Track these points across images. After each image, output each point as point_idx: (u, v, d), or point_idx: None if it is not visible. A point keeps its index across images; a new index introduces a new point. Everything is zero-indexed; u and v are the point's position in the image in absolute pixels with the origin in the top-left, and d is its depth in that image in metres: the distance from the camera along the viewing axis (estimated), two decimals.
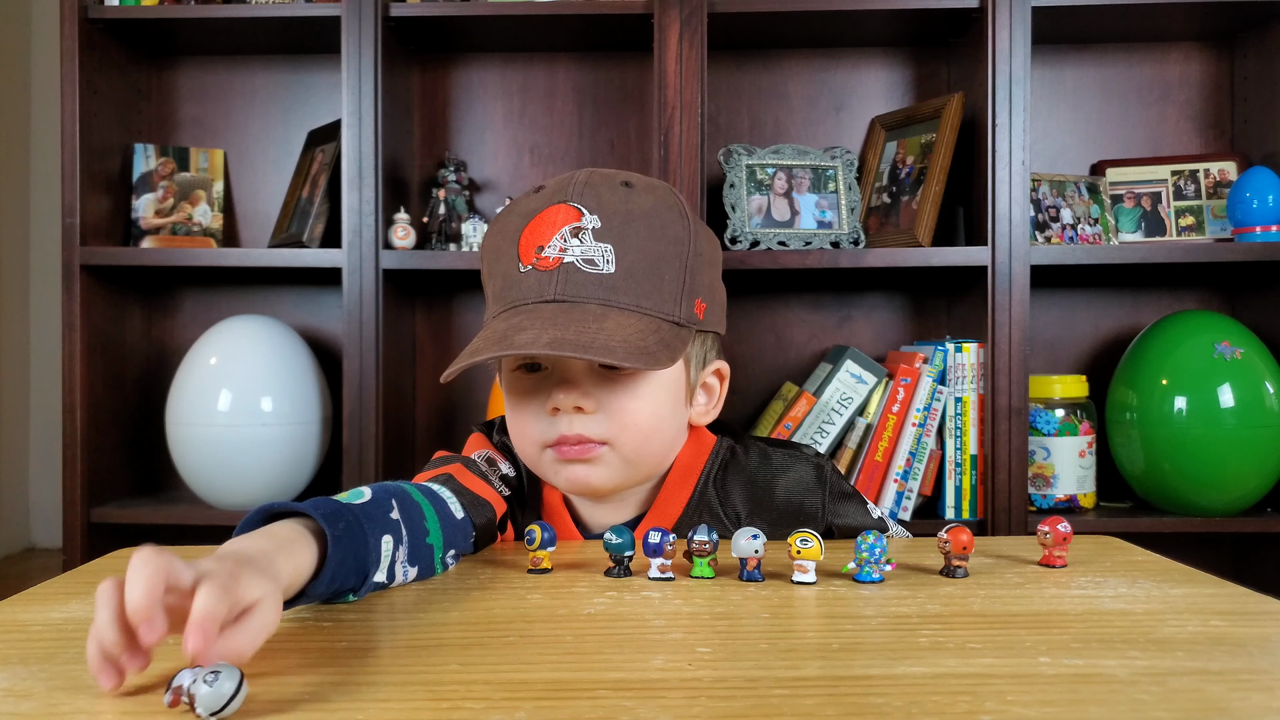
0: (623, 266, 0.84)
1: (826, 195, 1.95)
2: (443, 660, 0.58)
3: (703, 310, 0.89)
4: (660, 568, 0.77)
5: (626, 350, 0.81)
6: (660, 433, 0.91)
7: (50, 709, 0.51)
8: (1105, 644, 0.60)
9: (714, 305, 0.92)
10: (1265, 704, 0.51)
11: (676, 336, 0.86)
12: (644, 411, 0.88)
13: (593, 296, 0.84)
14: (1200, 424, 1.80)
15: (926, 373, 1.83)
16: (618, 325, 0.82)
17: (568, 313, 0.83)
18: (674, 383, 0.91)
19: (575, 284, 0.84)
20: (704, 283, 0.90)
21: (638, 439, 0.89)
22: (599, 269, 0.84)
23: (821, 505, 0.95)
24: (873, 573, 0.76)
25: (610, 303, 0.84)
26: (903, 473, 1.82)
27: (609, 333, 0.82)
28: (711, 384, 0.97)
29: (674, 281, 0.87)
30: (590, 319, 0.82)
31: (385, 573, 0.73)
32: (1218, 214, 2.01)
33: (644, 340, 0.83)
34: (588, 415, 0.87)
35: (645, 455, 0.91)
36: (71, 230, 1.90)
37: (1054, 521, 0.82)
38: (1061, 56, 2.09)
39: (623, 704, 0.51)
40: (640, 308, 0.85)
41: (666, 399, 0.90)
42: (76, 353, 1.90)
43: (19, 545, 3.27)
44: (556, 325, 0.81)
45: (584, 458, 0.88)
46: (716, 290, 0.94)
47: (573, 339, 0.80)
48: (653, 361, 0.82)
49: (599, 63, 2.12)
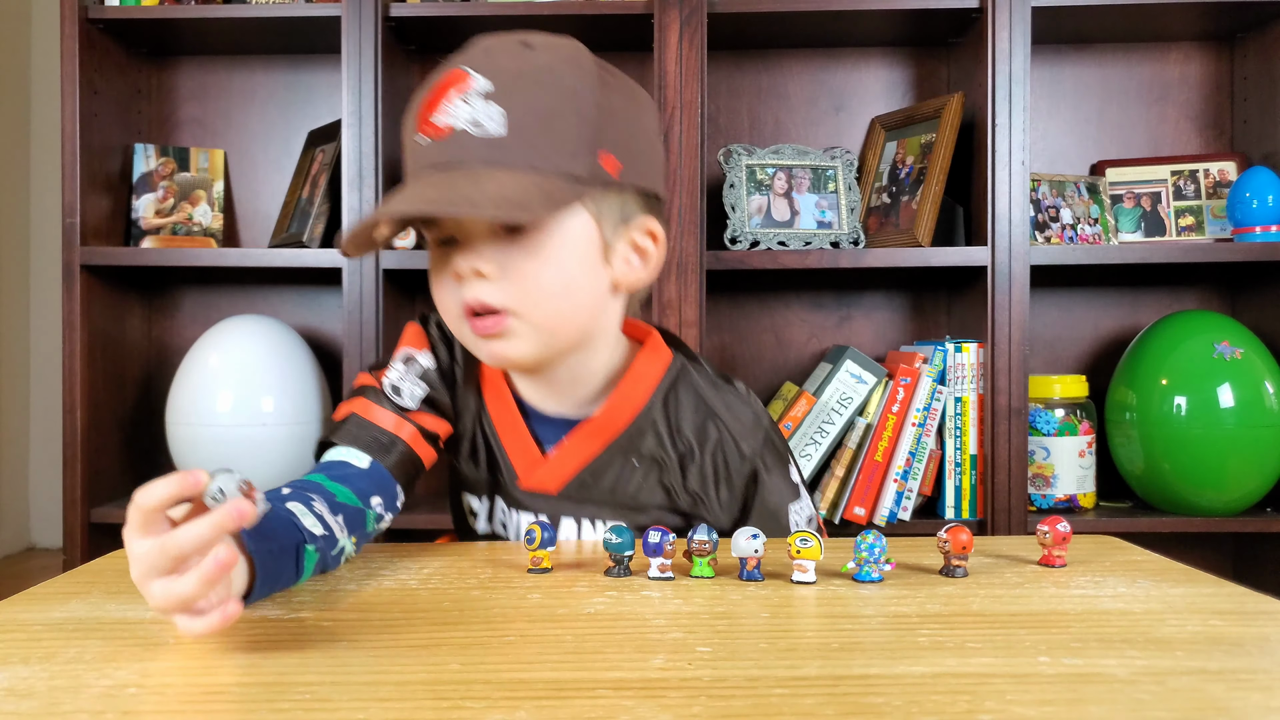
0: (513, 127, 0.82)
1: (826, 195, 1.95)
2: (443, 660, 0.58)
3: (614, 165, 0.85)
4: (660, 567, 0.77)
5: (494, 203, 0.79)
6: (571, 295, 0.87)
7: (50, 709, 0.51)
8: (1105, 643, 0.60)
9: (635, 162, 0.88)
10: (1264, 703, 0.51)
11: (567, 190, 0.83)
12: (547, 273, 0.85)
13: (479, 159, 0.82)
14: (1200, 424, 1.80)
15: (926, 373, 1.83)
16: (498, 184, 0.80)
17: (449, 176, 0.81)
18: (581, 240, 0.87)
19: (462, 148, 0.82)
20: (615, 137, 0.86)
21: (544, 303, 0.86)
22: (486, 132, 0.81)
23: (758, 452, 0.94)
24: (872, 572, 0.76)
25: (497, 163, 0.81)
26: (902, 473, 1.82)
27: (483, 190, 0.80)
28: (644, 245, 0.92)
29: (569, 135, 0.83)
30: (469, 180, 0.81)
31: (315, 519, 0.78)
32: (1217, 214, 2.01)
33: (521, 195, 0.80)
34: (490, 281, 0.85)
35: (559, 321, 0.88)
36: (72, 230, 1.90)
37: (1053, 521, 0.82)
38: (1061, 56, 2.09)
39: (622, 703, 0.51)
40: (532, 166, 0.82)
41: (573, 258, 0.87)
42: (77, 352, 1.90)
43: (19, 545, 3.27)
44: (432, 187, 0.81)
45: (494, 332, 0.86)
46: (639, 148, 0.89)
47: (440, 197, 0.80)
48: (520, 212, 0.80)
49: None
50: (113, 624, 0.67)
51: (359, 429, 0.93)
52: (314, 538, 0.77)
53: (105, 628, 0.66)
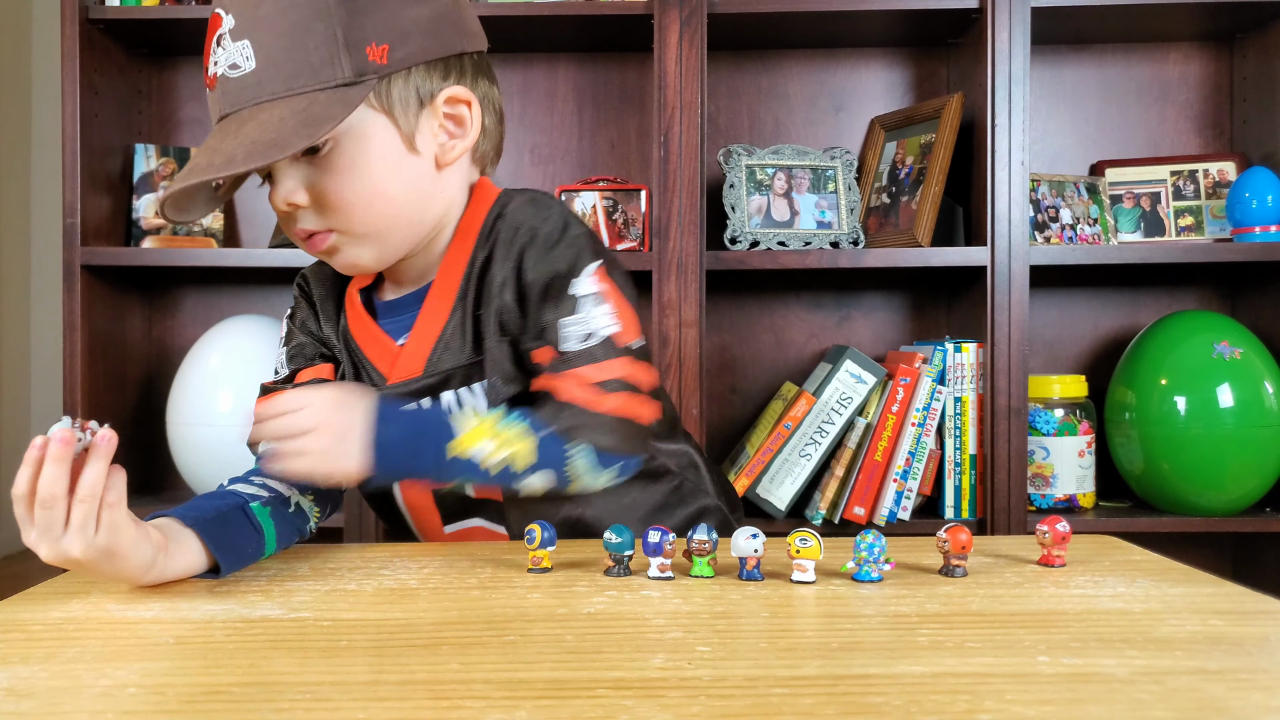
0: (261, 58, 0.81)
1: (826, 195, 1.95)
2: (443, 660, 0.58)
3: (384, 52, 0.83)
4: (660, 567, 0.77)
5: (247, 151, 0.78)
6: (385, 197, 0.87)
7: (50, 709, 0.51)
8: (1104, 643, 0.60)
9: (408, 40, 0.85)
10: (1263, 703, 0.51)
11: (336, 102, 0.81)
12: (351, 185, 0.86)
13: (245, 101, 0.81)
14: (1199, 424, 1.80)
15: (926, 373, 1.84)
16: (258, 125, 0.80)
17: (223, 128, 0.82)
18: (376, 140, 0.86)
19: (227, 94, 0.82)
20: (376, 24, 0.84)
21: (358, 213, 0.87)
22: (242, 70, 0.81)
23: (557, 259, 0.89)
24: (871, 572, 0.76)
25: (259, 99, 0.81)
26: (902, 472, 1.82)
27: (242, 138, 0.80)
28: (459, 114, 0.90)
29: (321, 44, 0.81)
30: (235, 129, 0.81)
31: (256, 487, 0.86)
32: (1217, 214, 2.01)
33: (277, 130, 0.79)
34: (306, 209, 0.87)
35: (382, 224, 0.89)
36: (72, 230, 1.90)
37: (1053, 521, 0.82)
38: (1061, 57, 2.09)
39: (622, 703, 0.51)
40: (290, 90, 0.81)
41: (374, 160, 0.86)
42: (77, 353, 1.90)
43: (19, 545, 3.27)
44: (205, 152, 0.81)
45: (323, 248, 0.89)
46: (410, 22, 0.86)
47: (204, 162, 0.80)
48: (274, 150, 0.79)
49: (599, 63, 2.12)
50: (113, 624, 0.67)
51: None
52: (256, 497, 0.84)
53: (105, 628, 0.66)
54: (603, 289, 0.90)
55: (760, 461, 1.81)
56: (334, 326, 1.00)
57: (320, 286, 1.02)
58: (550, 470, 0.85)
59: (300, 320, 1.02)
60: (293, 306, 1.04)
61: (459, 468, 0.83)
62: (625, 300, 0.92)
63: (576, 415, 0.86)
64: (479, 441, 0.82)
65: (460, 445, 0.82)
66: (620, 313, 0.90)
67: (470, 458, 0.82)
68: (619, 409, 0.88)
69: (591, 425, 0.86)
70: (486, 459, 0.83)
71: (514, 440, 0.83)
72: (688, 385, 1.83)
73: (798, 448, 1.82)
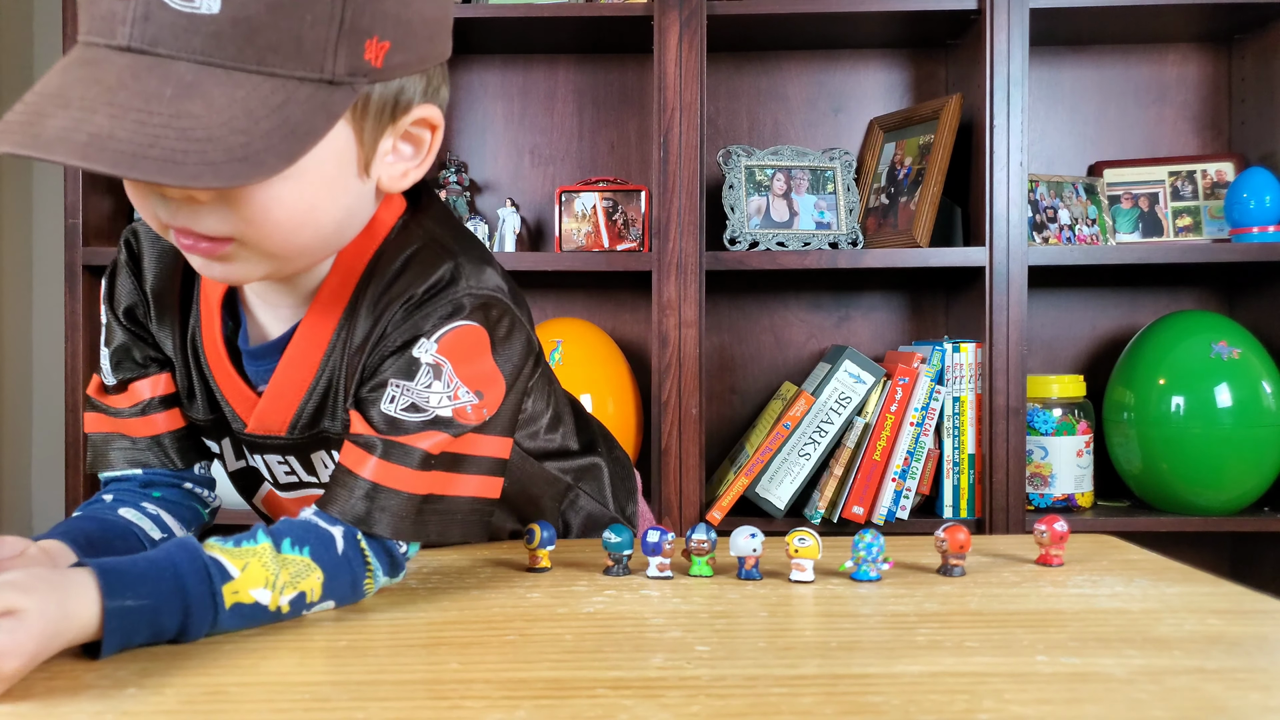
0: (234, 3, 0.58)
1: (825, 196, 1.95)
2: (442, 659, 0.58)
3: (383, 51, 0.63)
4: (659, 566, 0.77)
5: (200, 162, 0.56)
6: (315, 221, 0.68)
7: (51, 708, 0.51)
8: (1102, 642, 0.61)
9: (411, 40, 0.66)
10: (1262, 702, 0.51)
11: (320, 108, 0.61)
12: (284, 201, 0.65)
13: (184, 50, 0.58)
14: (1198, 423, 1.80)
15: (924, 372, 1.84)
16: (208, 105, 0.58)
17: (140, 79, 0.58)
18: (332, 156, 0.66)
19: (159, 26, 0.58)
20: (386, 13, 0.63)
21: (278, 233, 0.66)
22: (195, 6, 0.58)
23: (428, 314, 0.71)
24: (870, 571, 0.76)
25: (211, 60, 0.58)
26: (901, 472, 1.82)
27: (191, 120, 0.57)
28: (419, 135, 0.72)
29: (322, 18, 0.60)
30: (167, 95, 0.57)
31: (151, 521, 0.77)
32: (1215, 214, 2.01)
33: (249, 127, 0.58)
34: (207, 206, 0.64)
35: (298, 247, 0.69)
36: (74, 231, 1.90)
37: (1050, 520, 0.82)
38: (1059, 58, 2.09)
39: (621, 702, 0.51)
40: (264, 66, 0.59)
41: (321, 179, 0.66)
42: (79, 352, 1.91)
43: None
44: (112, 107, 0.57)
45: (212, 255, 0.67)
46: (414, 15, 0.66)
47: (125, 138, 0.56)
48: (254, 170, 0.58)
49: (599, 64, 2.12)
50: None
51: (105, 449, 0.82)
52: (154, 543, 0.75)
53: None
54: (451, 358, 0.71)
55: (759, 461, 1.81)
56: (171, 329, 0.80)
57: (158, 264, 0.79)
58: (347, 591, 0.69)
59: (122, 307, 0.80)
60: (110, 281, 0.81)
61: (236, 619, 0.63)
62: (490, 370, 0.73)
63: (378, 500, 0.69)
64: (258, 584, 0.63)
65: (239, 589, 0.62)
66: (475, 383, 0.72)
67: (255, 602, 0.63)
68: (435, 488, 0.71)
69: (396, 513, 0.69)
70: (274, 601, 0.64)
71: (302, 574, 0.66)
72: (687, 385, 1.83)
73: (797, 447, 1.82)
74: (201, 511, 0.86)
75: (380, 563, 0.70)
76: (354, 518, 0.69)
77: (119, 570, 0.59)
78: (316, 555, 0.67)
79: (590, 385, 1.86)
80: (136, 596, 0.58)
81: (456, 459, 0.72)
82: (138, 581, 0.59)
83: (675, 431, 1.83)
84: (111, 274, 0.82)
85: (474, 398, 0.72)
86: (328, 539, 0.68)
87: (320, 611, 0.68)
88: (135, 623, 0.58)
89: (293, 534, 0.67)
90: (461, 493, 0.73)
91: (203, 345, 0.79)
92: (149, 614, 0.58)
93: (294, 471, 0.82)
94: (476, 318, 0.72)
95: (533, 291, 2.12)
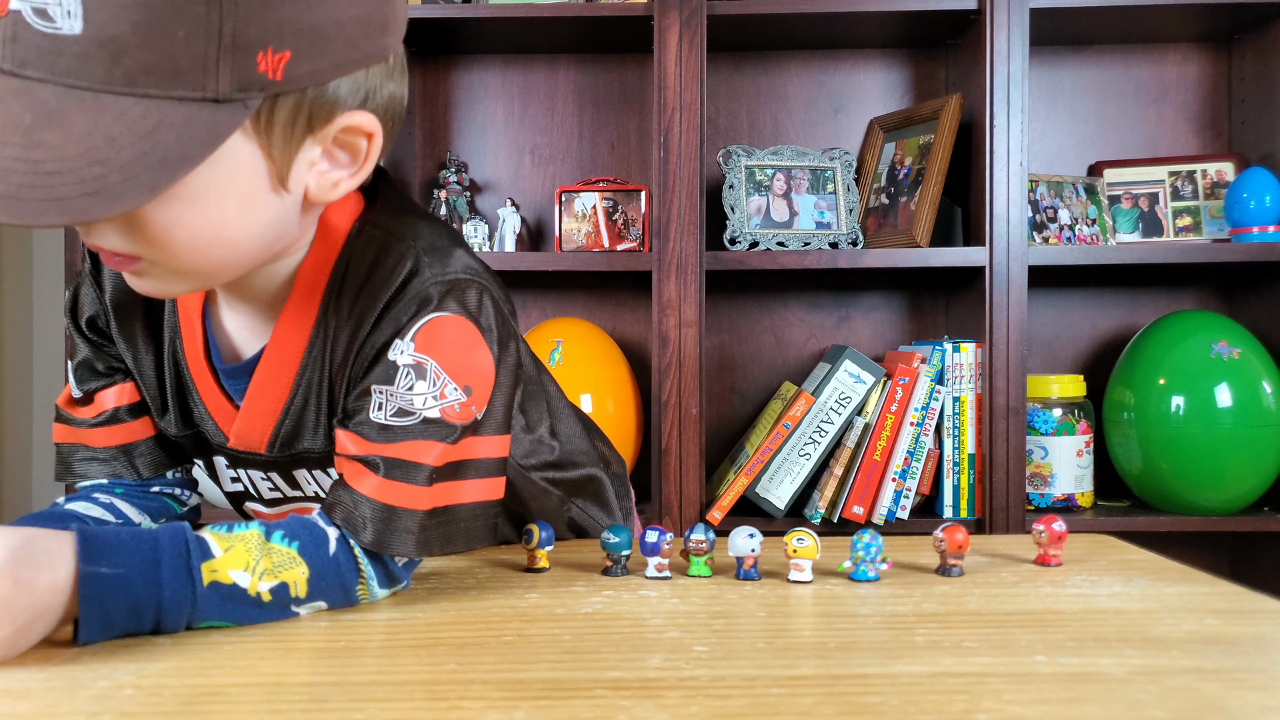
0: (96, 22, 0.54)
1: (825, 196, 1.95)
2: (440, 660, 0.58)
3: (281, 62, 0.59)
4: (657, 567, 0.77)
5: (47, 197, 0.54)
6: (232, 240, 0.64)
7: (49, 709, 0.51)
8: (1101, 643, 0.60)
9: (317, 44, 0.60)
10: (1261, 702, 0.51)
11: (200, 129, 0.57)
12: (185, 223, 0.61)
13: (50, 73, 0.55)
14: (1197, 423, 1.80)
15: (924, 372, 1.84)
16: (67, 134, 0.55)
17: (4, 104, 0.55)
18: (237, 175, 0.62)
19: (26, 47, 0.55)
20: (280, 21, 0.58)
21: (183, 254, 0.63)
22: (56, 26, 0.54)
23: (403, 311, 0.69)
24: (868, 571, 0.76)
25: (78, 83, 0.55)
26: (901, 472, 1.82)
27: (44, 151, 0.54)
28: (354, 144, 0.67)
29: (196, 34, 0.56)
30: (25, 123, 0.55)
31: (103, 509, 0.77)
32: (1215, 214, 2.01)
33: (109, 157, 0.55)
34: (104, 225, 0.62)
35: (215, 266, 0.66)
36: (74, 231, 1.90)
37: (1049, 520, 0.82)
38: (1059, 58, 2.09)
39: (620, 703, 0.51)
40: (133, 88, 0.56)
41: (229, 197, 0.62)
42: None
43: None
44: None
45: (127, 270, 0.66)
46: (325, 19, 0.60)
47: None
48: (107, 204, 0.55)
49: (599, 64, 2.12)
50: None
51: (69, 459, 0.82)
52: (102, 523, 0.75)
53: None
54: (433, 354, 0.69)
55: (759, 461, 1.81)
56: (139, 341, 0.78)
57: (124, 286, 0.76)
58: (337, 593, 0.68)
59: (85, 316, 0.79)
60: (74, 293, 0.80)
61: (216, 601, 0.62)
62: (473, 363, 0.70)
63: (385, 520, 0.68)
64: (238, 566, 0.63)
65: (218, 568, 0.62)
66: (461, 377, 0.69)
67: (234, 584, 0.62)
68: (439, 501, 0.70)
69: (406, 530, 0.68)
70: (253, 586, 0.63)
71: (285, 565, 0.65)
72: (687, 385, 1.83)
73: (797, 447, 1.82)
74: (174, 506, 0.84)
75: (374, 571, 0.69)
76: (351, 530, 0.68)
77: (100, 538, 0.59)
78: (305, 551, 0.66)
79: (590, 385, 1.86)
80: (112, 565, 0.58)
81: (458, 466, 0.70)
82: (115, 550, 0.59)
83: (675, 431, 1.83)
84: (75, 286, 0.81)
85: (461, 395, 0.69)
86: (321, 537, 0.67)
87: (316, 612, 0.68)
88: (109, 590, 0.58)
89: (286, 527, 0.67)
90: (465, 500, 0.71)
91: (185, 358, 0.77)
92: (123, 583, 0.58)
93: (278, 488, 0.81)
94: (449, 306, 0.69)
95: (533, 291, 2.12)
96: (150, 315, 0.78)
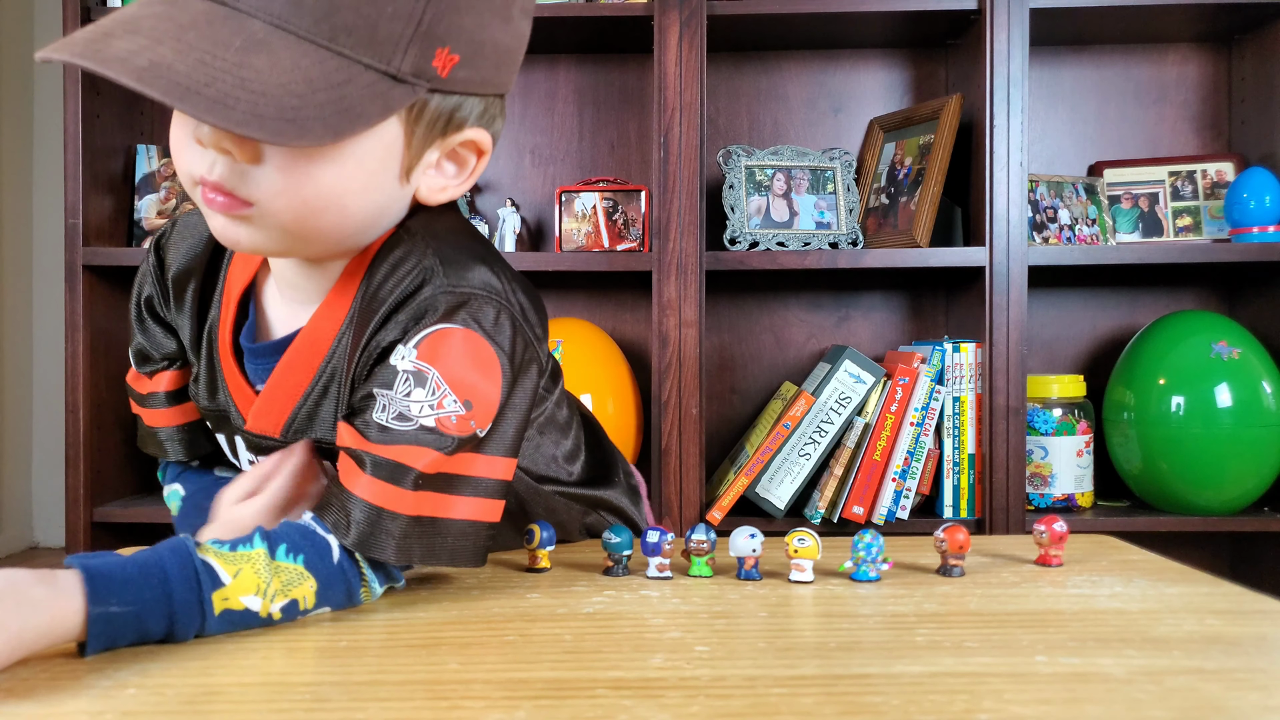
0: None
1: (825, 196, 1.95)
2: (442, 659, 0.58)
3: (451, 64, 0.65)
4: (658, 567, 0.77)
5: (250, 111, 0.58)
6: (344, 210, 0.68)
7: (50, 709, 0.51)
8: (1101, 643, 0.61)
9: (479, 61, 0.67)
10: (1261, 702, 0.51)
11: (378, 97, 0.62)
12: (318, 180, 0.65)
13: (263, 10, 0.60)
14: (1197, 423, 1.80)
15: (924, 372, 1.84)
16: (273, 63, 0.59)
17: (213, 25, 0.59)
18: (378, 152, 0.67)
19: None
20: (462, 28, 0.65)
21: (303, 212, 0.66)
22: None
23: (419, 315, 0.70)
24: (869, 572, 0.76)
25: (287, 25, 0.60)
26: (901, 472, 1.82)
27: (251, 72, 0.59)
28: (465, 156, 0.73)
29: (401, 14, 0.62)
30: (236, 45, 0.59)
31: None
32: (1215, 214, 2.01)
33: (305, 94, 0.60)
34: (238, 164, 0.64)
35: (317, 231, 0.68)
36: (74, 231, 1.90)
37: (1050, 521, 0.82)
38: (1059, 58, 2.09)
39: (621, 703, 0.51)
40: (334, 42, 0.61)
41: (360, 170, 0.67)
42: (79, 353, 1.91)
43: (22, 544, 3.27)
44: (179, 42, 0.58)
45: (229, 213, 0.67)
46: (488, 39, 0.68)
47: (184, 71, 0.57)
48: (299, 133, 0.59)
49: (599, 64, 2.12)
50: None
51: (152, 437, 0.90)
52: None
53: None
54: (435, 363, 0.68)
55: (759, 461, 1.81)
56: (190, 316, 0.82)
57: (188, 253, 0.81)
58: (342, 599, 0.68)
59: (148, 302, 0.85)
60: (138, 283, 0.86)
61: (225, 625, 0.62)
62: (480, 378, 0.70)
63: (370, 520, 0.67)
64: (249, 591, 0.63)
65: (229, 595, 0.62)
66: (463, 391, 0.68)
67: (246, 609, 0.62)
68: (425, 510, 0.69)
69: (388, 534, 0.67)
70: (265, 608, 0.63)
71: (294, 582, 0.65)
72: (687, 385, 1.83)
73: (797, 447, 1.83)
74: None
75: (374, 573, 0.69)
76: (337, 530, 0.68)
77: (106, 574, 0.58)
78: (311, 564, 0.66)
79: (590, 385, 1.87)
80: (121, 603, 0.58)
81: (451, 479, 0.69)
82: (124, 587, 0.58)
83: (675, 431, 1.83)
84: (140, 275, 0.86)
85: (460, 408, 0.68)
86: (324, 547, 0.67)
87: (317, 614, 0.68)
88: (120, 628, 0.58)
89: (289, 540, 0.66)
90: (455, 516, 0.69)
91: (218, 337, 0.80)
92: (133, 620, 0.58)
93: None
94: (461, 319, 0.69)
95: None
96: (203, 292, 0.82)
